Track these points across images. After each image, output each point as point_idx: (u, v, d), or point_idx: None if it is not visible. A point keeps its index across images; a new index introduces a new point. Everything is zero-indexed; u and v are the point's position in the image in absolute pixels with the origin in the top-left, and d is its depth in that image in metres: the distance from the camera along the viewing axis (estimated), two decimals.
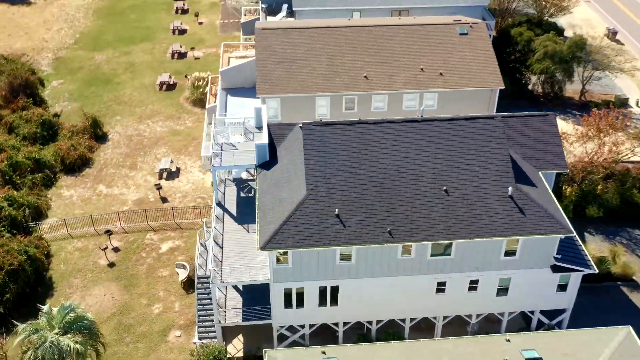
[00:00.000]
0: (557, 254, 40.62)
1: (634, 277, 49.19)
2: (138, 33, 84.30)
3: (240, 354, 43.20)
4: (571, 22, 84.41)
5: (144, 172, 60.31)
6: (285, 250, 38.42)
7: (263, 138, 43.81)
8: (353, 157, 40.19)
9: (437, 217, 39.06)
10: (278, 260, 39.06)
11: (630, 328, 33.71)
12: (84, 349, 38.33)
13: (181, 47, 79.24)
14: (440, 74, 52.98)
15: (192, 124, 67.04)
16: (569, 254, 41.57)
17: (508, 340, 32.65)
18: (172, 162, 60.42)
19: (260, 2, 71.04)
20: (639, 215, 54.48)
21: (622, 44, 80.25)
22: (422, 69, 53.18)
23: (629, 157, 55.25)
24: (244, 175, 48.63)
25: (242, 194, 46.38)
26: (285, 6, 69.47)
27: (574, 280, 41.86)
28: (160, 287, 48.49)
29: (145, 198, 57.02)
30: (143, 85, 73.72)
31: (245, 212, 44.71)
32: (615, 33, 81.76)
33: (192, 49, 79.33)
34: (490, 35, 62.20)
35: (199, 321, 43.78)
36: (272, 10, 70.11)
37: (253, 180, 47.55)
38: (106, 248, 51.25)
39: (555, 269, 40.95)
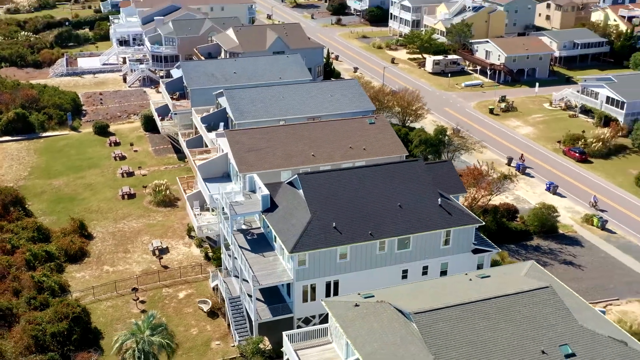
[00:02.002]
0: (473, 241, 61.48)
1: None
2: (84, 162, 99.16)
3: (269, 348, 58.32)
4: (424, 126, 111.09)
5: (138, 253, 74.56)
6: (305, 253, 55.81)
7: (264, 191, 61.77)
8: (336, 189, 59.30)
9: (397, 222, 58.65)
10: (300, 263, 56.18)
11: (534, 262, 54.35)
12: (170, 342, 52.42)
13: (129, 168, 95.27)
14: (364, 149, 74.46)
15: (162, 218, 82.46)
16: (480, 242, 62.58)
17: (466, 274, 51.88)
18: (160, 242, 75.40)
19: (200, 122, 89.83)
20: (509, 236, 77.51)
21: (465, 138, 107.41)
22: (350, 147, 74.42)
23: (498, 195, 78.92)
24: (244, 227, 65.43)
25: (248, 237, 63.08)
26: (222, 124, 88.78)
27: (487, 260, 62.51)
28: (191, 319, 62.76)
29: (149, 268, 71.23)
30: (106, 198, 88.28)
31: (256, 248, 61.32)
32: (459, 130, 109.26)
33: (140, 167, 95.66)
34: None
35: (235, 327, 58.83)
36: (210, 128, 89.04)
37: (252, 229, 64.44)
38: (137, 299, 64.86)
39: (474, 251, 61.55)
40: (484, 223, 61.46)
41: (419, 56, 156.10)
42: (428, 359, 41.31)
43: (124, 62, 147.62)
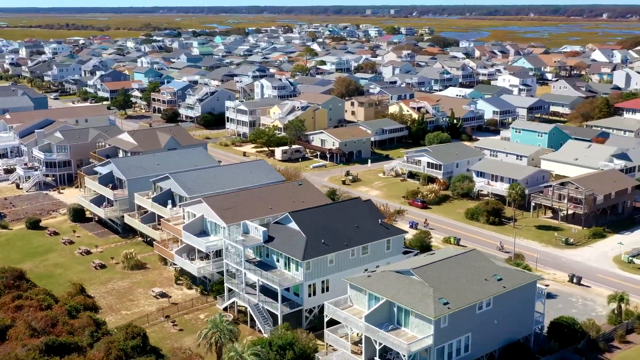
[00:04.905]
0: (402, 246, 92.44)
1: None
2: (37, 250, 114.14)
3: None
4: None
5: (143, 300, 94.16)
6: (309, 260, 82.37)
7: (262, 228, 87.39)
8: (317, 219, 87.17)
9: (359, 236, 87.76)
10: (307, 268, 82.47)
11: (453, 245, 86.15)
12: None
13: (86, 248, 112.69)
14: (302, 201, 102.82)
15: (142, 277, 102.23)
16: (405, 247, 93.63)
17: (419, 255, 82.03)
18: (160, 289, 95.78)
19: (152, 202, 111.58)
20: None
21: (348, 196, 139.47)
22: (293, 201, 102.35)
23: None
24: (244, 258, 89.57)
25: (254, 263, 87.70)
26: (170, 201, 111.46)
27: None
28: None
29: (162, 306, 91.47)
30: (80, 271, 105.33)
31: (264, 268, 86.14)
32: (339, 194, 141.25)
33: (96, 246, 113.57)
34: None
35: (264, 322, 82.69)
36: (162, 203, 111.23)
37: (252, 259, 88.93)
38: (174, 322, 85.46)
39: (404, 253, 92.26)
40: (408, 232, 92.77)
41: (265, 149, 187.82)
42: (430, 290, 70.57)
43: (6, 172, 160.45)
